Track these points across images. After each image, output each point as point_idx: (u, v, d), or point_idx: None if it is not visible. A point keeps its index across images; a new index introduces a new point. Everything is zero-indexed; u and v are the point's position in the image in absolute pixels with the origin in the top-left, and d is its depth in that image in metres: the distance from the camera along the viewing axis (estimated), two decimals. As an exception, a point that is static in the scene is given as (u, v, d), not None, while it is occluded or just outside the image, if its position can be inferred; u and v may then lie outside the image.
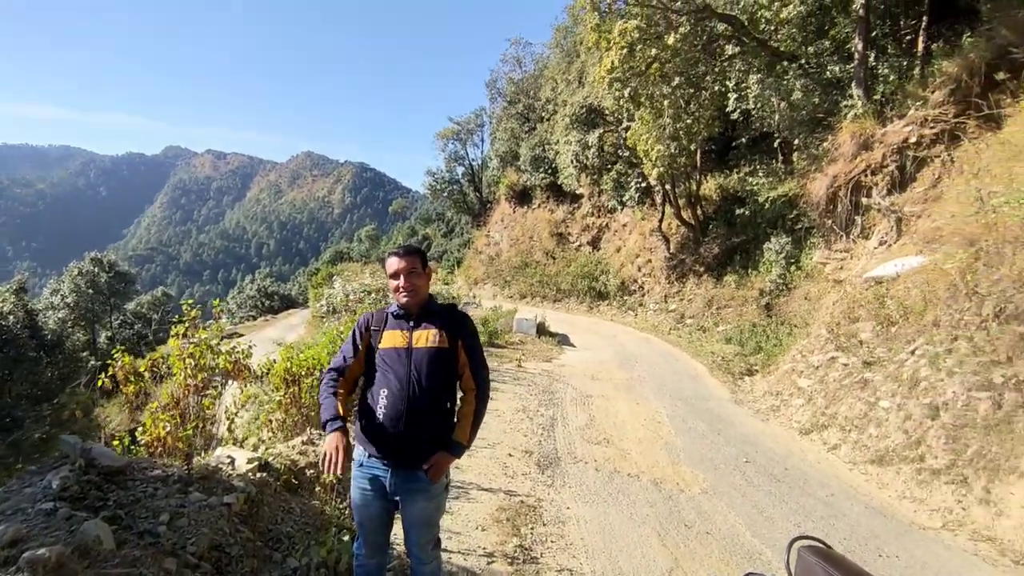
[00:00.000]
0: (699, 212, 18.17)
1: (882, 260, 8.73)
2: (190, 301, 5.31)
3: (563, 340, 14.65)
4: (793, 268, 12.60)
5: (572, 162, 21.78)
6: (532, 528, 4.71)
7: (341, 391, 2.71)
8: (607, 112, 19.66)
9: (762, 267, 13.91)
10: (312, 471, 4.69)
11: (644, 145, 15.61)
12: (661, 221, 19.34)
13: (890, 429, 6.05)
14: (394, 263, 2.76)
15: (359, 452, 2.76)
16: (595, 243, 24.78)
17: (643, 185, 19.39)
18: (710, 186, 18.60)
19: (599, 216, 25.19)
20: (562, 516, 4.94)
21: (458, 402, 2.81)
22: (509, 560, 4.20)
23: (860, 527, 4.83)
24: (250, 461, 4.22)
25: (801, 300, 11.64)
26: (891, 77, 12.04)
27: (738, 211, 16.54)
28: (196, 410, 4.67)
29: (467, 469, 5.82)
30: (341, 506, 4.31)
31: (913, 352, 6.53)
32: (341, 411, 2.62)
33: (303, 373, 5.61)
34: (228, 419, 5.06)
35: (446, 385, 2.75)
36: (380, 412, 2.65)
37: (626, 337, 15.28)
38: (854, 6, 11.88)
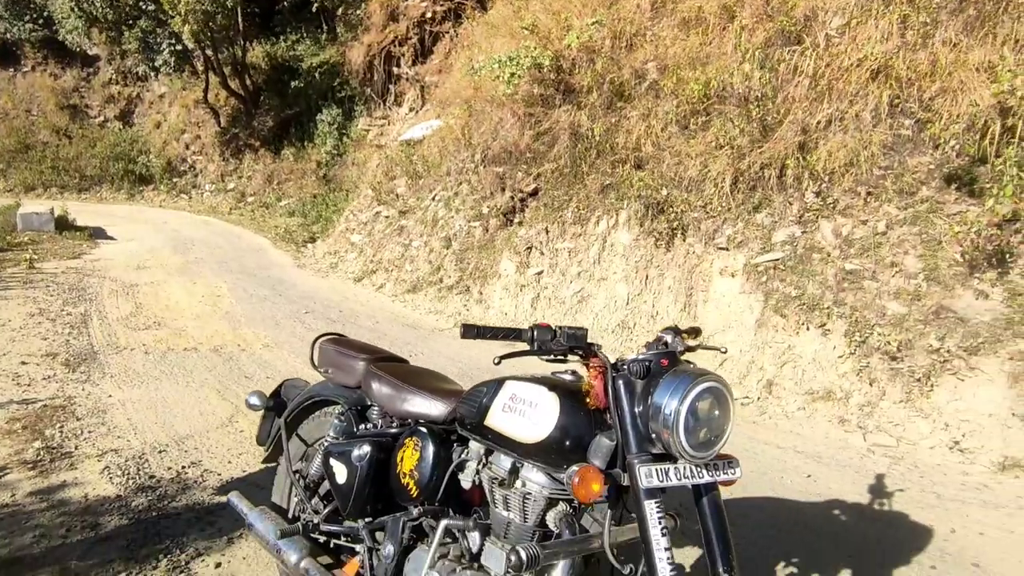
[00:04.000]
0: (248, 82, 16.91)
1: (412, 124, 9.97)
2: None
3: (97, 233, 12.24)
4: (344, 138, 13.23)
5: (75, 11, 17.01)
6: (61, 427, 4.11)
7: None
8: (112, -54, 15.75)
9: (317, 139, 14.14)
10: None
11: (169, -6, 13.32)
12: (206, 92, 17.27)
13: (420, 263, 7.32)
14: None
15: None
16: (126, 118, 20.66)
17: (179, 48, 16.72)
18: (257, 54, 17.34)
19: (127, 84, 20.88)
20: (102, 405, 4.45)
21: None
22: (30, 465, 3.61)
23: (399, 339, 5.85)
24: None
25: (351, 166, 12.46)
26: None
27: (292, 83, 16.07)
28: None
29: (-48, 393, 4.57)
30: None
31: (434, 198, 7.88)
32: None
33: None
34: None
35: None
36: None
37: (180, 222, 13.77)
38: None
